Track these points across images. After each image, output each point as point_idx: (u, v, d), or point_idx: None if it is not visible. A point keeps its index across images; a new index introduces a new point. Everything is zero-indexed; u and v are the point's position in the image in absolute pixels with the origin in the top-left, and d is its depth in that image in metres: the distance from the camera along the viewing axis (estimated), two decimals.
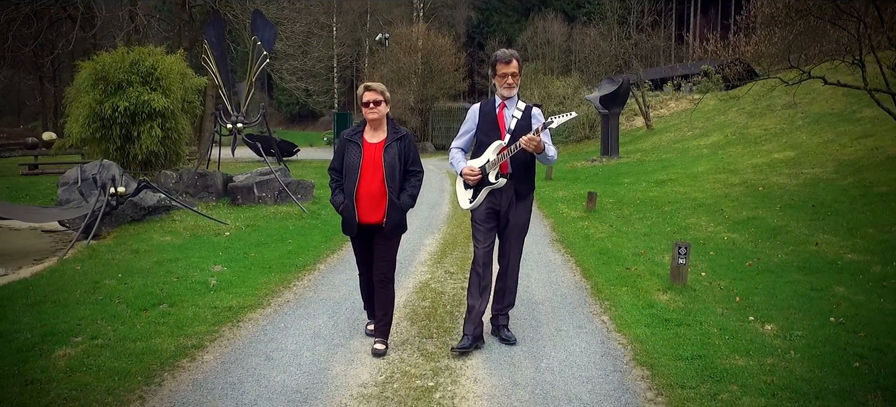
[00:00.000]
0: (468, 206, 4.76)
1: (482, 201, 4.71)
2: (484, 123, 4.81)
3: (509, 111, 4.73)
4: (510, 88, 4.68)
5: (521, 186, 4.75)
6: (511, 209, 4.74)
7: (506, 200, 4.71)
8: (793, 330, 5.22)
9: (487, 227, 4.75)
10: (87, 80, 12.10)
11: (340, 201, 4.57)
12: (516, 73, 4.67)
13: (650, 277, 6.95)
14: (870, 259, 7.57)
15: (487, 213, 4.72)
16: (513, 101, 4.76)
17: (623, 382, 4.17)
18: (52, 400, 3.70)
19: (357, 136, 4.60)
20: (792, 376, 4.22)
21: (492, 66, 4.75)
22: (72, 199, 9.85)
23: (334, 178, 4.70)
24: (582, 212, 12.08)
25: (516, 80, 4.69)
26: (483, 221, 4.73)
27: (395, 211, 4.53)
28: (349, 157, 4.55)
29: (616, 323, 5.41)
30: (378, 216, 4.52)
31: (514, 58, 4.68)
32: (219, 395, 3.90)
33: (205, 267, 7.19)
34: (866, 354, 4.68)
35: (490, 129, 4.75)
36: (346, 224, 4.61)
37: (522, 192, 4.76)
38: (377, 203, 4.50)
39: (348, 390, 4.00)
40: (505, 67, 4.65)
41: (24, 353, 4.39)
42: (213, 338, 4.89)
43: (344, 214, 4.57)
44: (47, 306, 5.58)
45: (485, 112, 4.84)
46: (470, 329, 4.69)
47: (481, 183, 4.68)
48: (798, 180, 12.89)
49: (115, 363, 4.26)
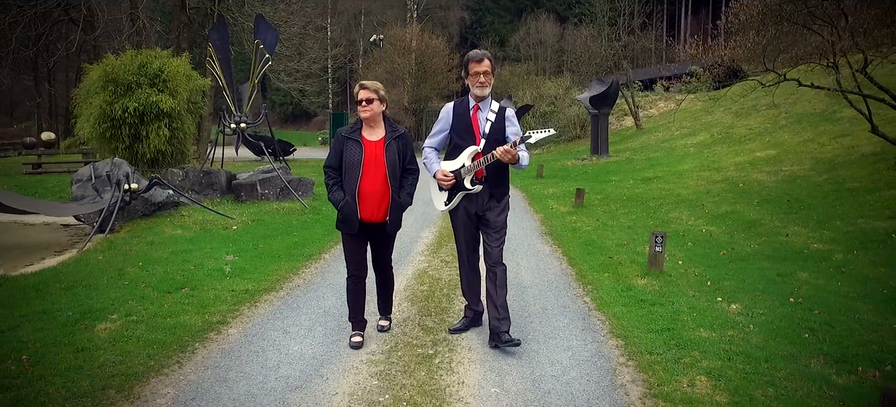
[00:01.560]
0: (442, 207, 4.87)
1: (457, 204, 4.80)
2: (458, 124, 4.79)
3: (483, 113, 4.74)
4: (483, 87, 4.66)
5: (497, 190, 4.78)
6: (488, 211, 4.77)
7: (482, 204, 4.76)
8: (755, 309, 5.81)
9: (469, 231, 4.88)
10: (96, 82, 12.61)
11: (340, 198, 4.56)
12: (488, 71, 4.65)
13: (630, 264, 7.54)
14: (833, 248, 8.18)
15: (465, 215, 4.81)
16: (487, 103, 4.76)
17: (599, 350, 4.75)
18: (102, 363, 4.25)
19: (356, 133, 4.60)
20: (748, 345, 4.81)
21: (464, 66, 4.75)
22: (86, 195, 10.38)
23: (331, 175, 4.67)
24: (570, 207, 12.67)
25: (488, 79, 4.66)
26: (463, 225, 4.86)
27: (397, 209, 4.63)
28: (349, 155, 4.54)
29: (596, 303, 6.00)
30: (380, 214, 4.58)
31: (486, 57, 4.69)
32: (245, 360, 4.46)
33: (218, 257, 7.74)
34: (817, 327, 5.28)
35: (464, 132, 4.75)
36: (346, 221, 4.59)
37: (498, 195, 4.79)
38: (379, 201, 4.55)
39: (358, 357, 4.56)
40: (477, 66, 4.63)
41: (69, 327, 4.94)
42: (235, 315, 5.45)
43: (345, 211, 4.55)
44: (80, 290, 6.13)
45: (459, 113, 4.81)
46: (470, 313, 5.16)
47: (456, 187, 4.74)
48: (777, 177, 13.52)
49: (151, 335, 4.81)
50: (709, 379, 4.13)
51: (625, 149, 24.98)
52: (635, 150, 24.14)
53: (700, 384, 4.05)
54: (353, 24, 53.02)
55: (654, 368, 4.36)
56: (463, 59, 4.87)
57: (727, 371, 4.26)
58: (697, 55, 13.56)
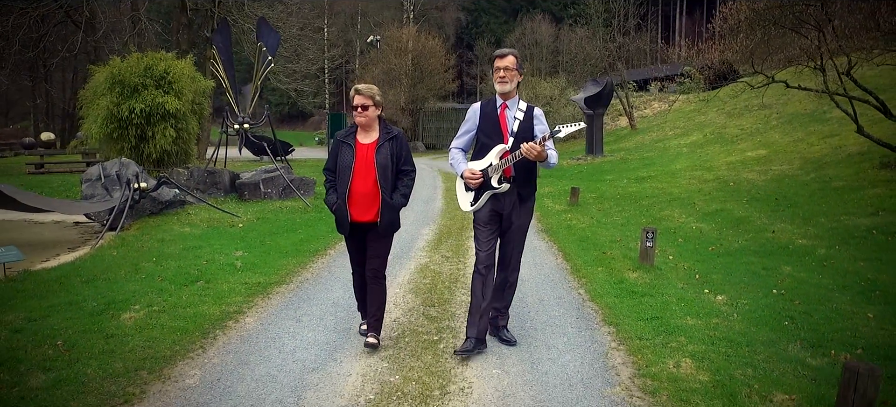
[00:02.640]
0: (469, 208, 4.72)
1: (484, 204, 4.71)
2: (485, 124, 4.71)
3: (511, 112, 4.65)
4: (503, 82, 4.57)
5: (524, 189, 4.69)
6: (513, 212, 4.69)
7: (509, 203, 4.67)
8: (740, 299, 6.17)
9: (490, 229, 4.71)
10: (103, 83, 12.92)
11: (333, 201, 4.64)
12: (510, 67, 4.56)
13: (623, 259, 7.89)
14: (817, 244, 8.55)
15: (490, 215, 4.69)
16: (514, 102, 4.67)
17: (593, 336, 5.10)
18: (132, 348, 4.58)
19: (350, 137, 4.64)
20: (731, 331, 5.16)
21: (491, 62, 4.71)
22: (96, 194, 10.70)
23: (329, 178, 4.75)
24: (566, 206, 13.02)
25: (510, 74, 4.57)
26: (486, 223, 4.70)
27: (389, 210, 4.60)
28: (342, 158, 4.61)
29: (590, 294, 6.35)
30: (371, 215, 4.59)
31: (511, 53, 4.62)
32: (263, 346, 4.79)
33: (228, 253, 8.06)
34: (796, 316, 5.64)
35: (492, 131, 4.66)
36: (338, 223, 4.67)
37: (525, 195, 4.71)
38: (370, 202, 4.57)
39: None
40: (499, 62, 4.59)
41: (96, 316, 5.27)
42: (250, 306, 5.78)
43: (336, 214, 4.63)
44: (100, 283, 6.45)
45: (486, 112, 4.73)
46: (473, 332, 4.64)
47: (483, 186, 4.64)
48: (766, 177, 13.89)
49: (173, 323, 5.14)
50: (693, 361, 4.47)
51: (619, 149, 25.36)
52: (629, 149, 24.51)
53: (685, 365, 4.39)
54: (349, 26, 53.29)
55: (643, 351, 4.70)
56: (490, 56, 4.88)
57: (710, 354, 4.61)
58: (688, 57, 13.93)
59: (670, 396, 3.91)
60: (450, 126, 40.94)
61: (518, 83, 4.70)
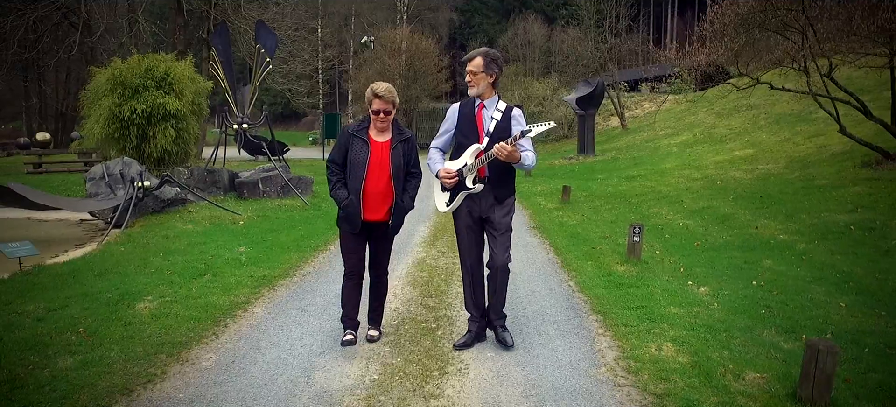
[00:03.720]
0: (444, 209, 4.71)
1: (460, 204, 4.69)
2: (463, 124, 4.69)
3: (488, 112, 4.60)
4: (470, 86, 4.58)
5: (500, 191, 4.63)
6: (491, 213, 4.64)
7: (486, 206, 4.63)
8: (721, 291, 6.52)
9: (471, 236, 4.74)
10: (104, 84, 13.19)
11: (344, 196, 4.56)
12: (476, 71, 4.54)
13: (611, 253, 8.23)
14: (797, 239, 8.91)
15: (468, 218, 4.69)
16: (493, 102, 4.63)
17: (581, 324, 5.43)
18: (149, 334, 4.89)
19: (363, 132, 4.58)
20: (711, 319, 5.50)
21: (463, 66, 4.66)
22: (100, 193, 10.98)
23: (335, 171, 4.65)
24: (557, 204, 13.36)
25: (476, 78, 4.55)
26: (466, 228, 4.72)
27: (400, 211, 4.62)
28: (355, 153, 4.53)
29: (579, 286, 6.68)
30: (381, 214, 4.58)
31: (479, 55, 4.60)
32: (271, 333, 5.10)
33: (231, 248, 8.36)
34: (773, 305, 6.00)
35: (469, 131, 4.63)
36: (348, 220, 4.61)
37: (501, 197, 4.64)
38: (381, 201, 4.55)
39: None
40: (467, 65, 4.59)
41: (112, 306, 5.57)
42: (257, 297, 6.09)
43: (348, 210, 4.56)
44: (112, 277, 6.75)
45: (464, 112, 4.71)
46: (475, 327, 4.86)
47: (458, 187, 4.61)
48: (752, 175, 14.28)
49: (186, 312, 5.45)
50: (674, 345, 4.81)
51: (610, 148, 25.74)
52: (621, 149, 24.90)
53: (666, 349, 4.73)
54: (343, 26, 53.52)
55: (628, 336, 5.04)
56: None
57: (690, 339, 4.95)
58: (676, 59, 14.31)
59: (651, 376, 4.24)
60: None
61: (494, 83, 4.62)
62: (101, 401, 3.74)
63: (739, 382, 4.11)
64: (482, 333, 4.91)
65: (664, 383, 4.10)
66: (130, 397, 3.84)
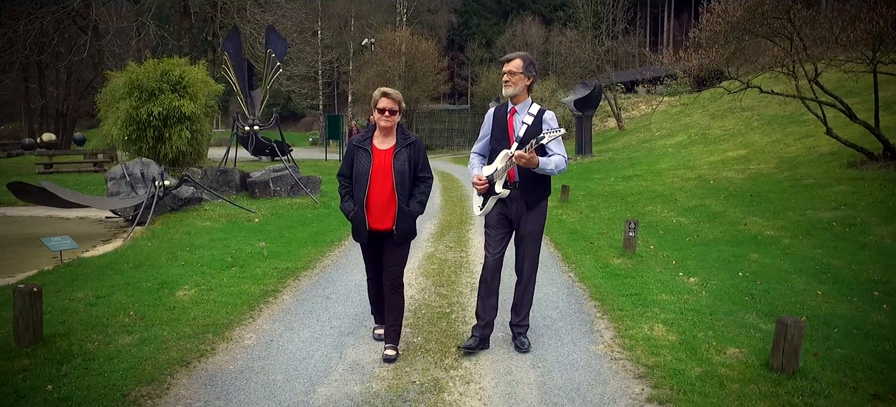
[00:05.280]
0: (478, 212, 4.83)
1: (491, 208, 4.80)
2: (496, 129, 4.79)
3: (519, 117, 4.67)
4: (507, 86, 4.64)
5: (531, 195, 4.68)
6: (522, 218, 4.71)
7: (516, 210, 4.70)
8: (710, 280, 7.09)
9: (499, 233, 4.78)
10: (121, 88, 13.74)
11: (350, 208, 4.56)
12: (515, 71, 4.59)
13: (608, 248, 8.80)
14: (783, 234, 9.49)
15: (499, 219, 4.76)
16: (524, 106, 4.69)
17: (581, 309, 5.99)
18: (194, 317, 5.44)
19: (367, 142, 4.58)
20: (698, 304, 6.07)
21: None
22: (121, 192, 11.52)
23: (344, 184, 4.67)
24: (557, 203, 13.91)
25: (514, 78, 4.60)
26: (494, 226, 4.78)
27: (405, 218, 4.54)
28: (359, 164, 4.53)
29: (579, 277, 7.25)
30: (388, 223, 4.53)
31: (518, 57, 4.66)
32: (303, 316, 5.66)
33: (252, 243, 8.91)
34: (756, 293, 6.57)
35: (501, 136, 4.73)
36: (356, 232, 4.63)
37: (532, 202, 4.70)
38: (386, 210, 4.51)
39: None
40: (505, 66, 4.64)
41: (154, 293, 6.12)
42: (284, 286, 6.65)
43: (354, 222, 4.57)
44: (147, 268, 7.30)
45: (497, 117, 4.81)
46: (478, 332, 4.87)
47: (489, 191, 4.72)
48: (744, 175, 14.86)
49: (222, 299, 6.00)
50: (664, 326, 5.37)
51: (608, 149, 26.34)
52: (617, 150, 25.49)
53: (657, 329, 5.29)
54: (342, 28, 54.09)
55: (624, 319, 5.60)
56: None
57: (679, 321, 5.51)
58: (670, 62, 14.90)
59: (643, 350, 4.80)
60: (443, 127, 41.90)
61: (530, 86, 4.70)
62: (163, 371, 4.29)
63: (721, 356, 4.67)
64: (486, 341, 4.91)
65: (655, 357, 4.66)
66: (188, 369, 4.39)
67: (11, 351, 4.47)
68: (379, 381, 4.28)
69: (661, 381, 4.24)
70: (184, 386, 4.11)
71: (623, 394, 4.10)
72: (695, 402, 3.93)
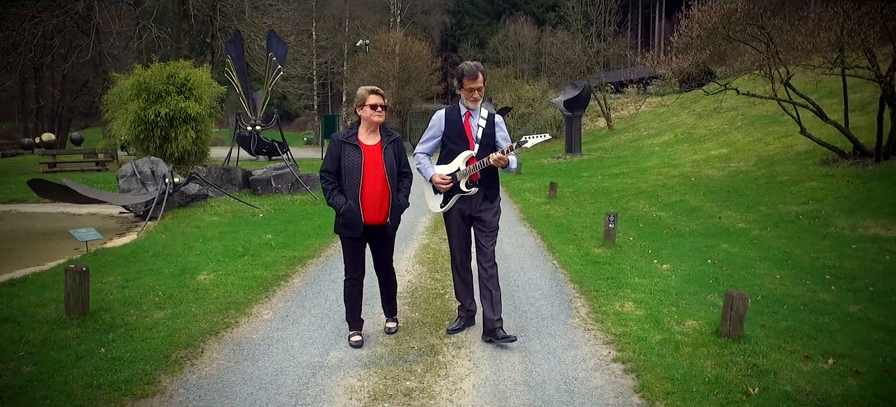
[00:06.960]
0: (438, 209, 5.07)
1: (452, 205, 5.04)
2: (451, 131, 4.99)
3: (475, 120, 4.94)
4: (476, 102, 4.90)
5: (490, 191, 5.01)
6: (482, 212, 5.00)
7: (476, 205, 4.99)
8: (680, 267, 7.79)
9: (462, 232, 5.12)
10: (129, 89, 14.38)
11: (342, 202, 4.63)
12: (483, 86, 4.87)
13: (590, 239, 9.50)
14: (753, 227, 10.22)
15: (460, 216, 5.05)
16: (477, 110, 4.96)
17: (561, 290, 6.69)
18: (216, 297, 6.11)
19: (353, 137, 4.68)
20: (667, 286, 6.77)
21: (458, 78, 4.89)
22: (133, 188, 12.16)
23: (329, 180, 4.71)
24: (545, 199, 14.63)
25: (481, 93, 4.90)
26: (457, 224, 5.09)
27: (397, 210, 4.80)
28: (348, 160, 4.62)
29: (561, 263, 7.94)
30: (381, 216, 4.73)
31: (480, 71, 4.88)
32: (313, 296, 6.33)
33: (259, 235, 9.57)
34: (721, 277, 7.28)
35: (458, 138, 4.95)
36: (349, 225, 4.69)
37: (491, 196, 5.02)
38: (380, 203, 4.69)
39: None
40: (472, 82, 4.81)
41: (176, 278, 6.79)
42: (293, 272, 7.32)
43: (348, 216, 4.63)
44: (166, 257, 7.96)
45: (451, 120, 5.00)
46: (463, 313, 5.38)
47: (452, 190, 4.95)
48: (724, 173, 15.61)
49: (240, 282, 6.67)
50: (634, 304, 6.07)
51: (596, 148, 27.07)
52: (606, 149, 26.23)
53: (627, 306, 5.99)
54: (336, 29, 54.70)
55: (599, 298, 6.30)
56: (457, 71, 4.98)
57: (648, 300, 6.21)
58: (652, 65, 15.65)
59: (613, 322, 5.50)
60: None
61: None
62: (196, 339, 4.96)
63: (680, 327, 5.37)
64: (471, 319, 5.40)
65: (622, 327, 5.36)
66: (217, 337, 5.06)
67: (64, 322, 5.13)
68: (382, 346, 4.97)
69: (626, 346, 4.93)
70: (215, 350, 4.78)
71: (592, 356, 4.79)
72: (653, 362, 4.62)
